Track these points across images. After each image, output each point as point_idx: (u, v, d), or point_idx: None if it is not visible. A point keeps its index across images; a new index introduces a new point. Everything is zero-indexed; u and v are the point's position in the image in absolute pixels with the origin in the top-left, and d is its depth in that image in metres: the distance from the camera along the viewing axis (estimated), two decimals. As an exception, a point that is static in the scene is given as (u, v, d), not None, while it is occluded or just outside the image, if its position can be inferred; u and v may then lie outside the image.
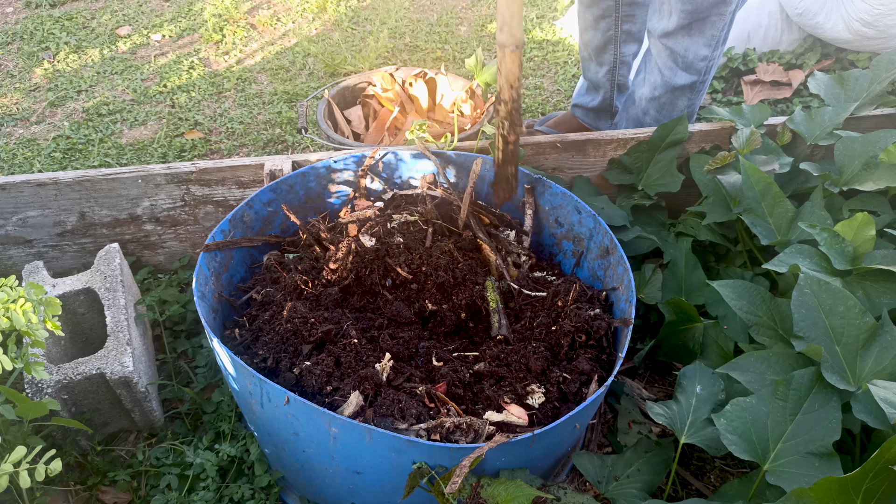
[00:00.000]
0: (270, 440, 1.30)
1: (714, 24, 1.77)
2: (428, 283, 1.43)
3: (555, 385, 1.27)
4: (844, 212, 1.59)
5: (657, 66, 1.91)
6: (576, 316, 1.38)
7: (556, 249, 1.61)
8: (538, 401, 1.23)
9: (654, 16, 1.85)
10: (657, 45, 1.87)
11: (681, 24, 1.77)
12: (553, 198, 1.57)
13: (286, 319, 1.31)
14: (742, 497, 1.18)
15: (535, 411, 1.23)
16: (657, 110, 1.98)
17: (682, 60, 1.84)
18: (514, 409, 1.21)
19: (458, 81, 2.19)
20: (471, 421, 1.13)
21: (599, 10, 2.03)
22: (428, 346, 1.35)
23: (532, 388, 1.25)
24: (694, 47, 1.81)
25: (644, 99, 1.99)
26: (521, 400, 1.24)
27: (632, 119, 2.07)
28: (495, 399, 1.23)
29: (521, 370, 1.29)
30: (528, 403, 1.23)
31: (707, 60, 1.85)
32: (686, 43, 1.81)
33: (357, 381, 1.20)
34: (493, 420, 1.17)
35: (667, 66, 1.87)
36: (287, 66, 2.92)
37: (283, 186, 1.55)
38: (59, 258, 1.81)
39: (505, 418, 1.18)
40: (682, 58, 1.84)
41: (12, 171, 2.39)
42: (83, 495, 1.43)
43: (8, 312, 1.05)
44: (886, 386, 1.03)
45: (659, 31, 1.83)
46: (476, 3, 3.38)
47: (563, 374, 1.28)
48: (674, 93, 1.92)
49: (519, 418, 1.19)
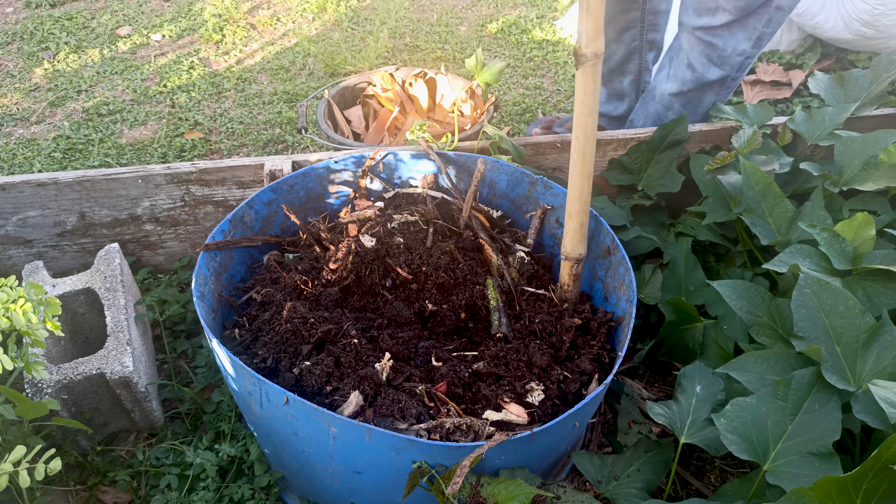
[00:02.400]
0: (270, 440, 1.30)
1: (759, 16, 1.71)
2: (428, 283, 1.43)
3: (555, 383, 1.27)
4: (844, 212, 1.59)
5: (688, 61, 1.85)
6: (577, 315, 1.38)
7: (557, 250, 1.61)
8: (538, 398, 1.23)
9: (688, 10, 1.80)
10: (691, 39, 1.82)
11: (727, 21, 1.72)
12: (554, 198, 1.57)
13: (286, 319, 1.31)
14: (742, 497, 1.18)
15: (535, 409, 1.22)
16: (682, 105, 1.93)
17: (719, 55, 1.79)
18: (514, 407, 1.21)
19: (458, 81, 2.19)
20: (471, 422, 1.13)
21: (623, 24, 2.01)
22: (427, 346, 1.35)
23: (531, 386, 1.25)
24: (734, 41, 1.76)
25: (668, 94, 1.94)
26: (520, 398, 1.24)
27: (651, 115, 2.03)
28: (494, 398, 1.23)
29: (519, 368, 1.29)
30: (528, 401, 1.23)
31: (744, 56, 1.79)
32: (726, 36, 1.75)
33: (357, 381, 1.20)
34: (493, 419, 1.17)
35: (700, 60, 1.82)
36: (287, 66, 2.92)
37: (284, 187, 1.55)
38: (59, 258, 1.81)
39: (504, 417, 1.18)
40: (719, 52, 1.78)
41: (12, 171, 2.39)
42: (83, 495, 1.43)
43: (8, 312, 1.05)
44: (886, 386, 1.03)
45: (698, 25, 1.77)
46: (476, 3, 3.38)
47: (563, 373, 1.28)
48: (703, 88, 1.87)
49: (518, 416, 1.19)
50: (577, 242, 1.38)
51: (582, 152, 1.28)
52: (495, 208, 1.64)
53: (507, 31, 3.16)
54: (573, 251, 1.39)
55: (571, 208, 1.35)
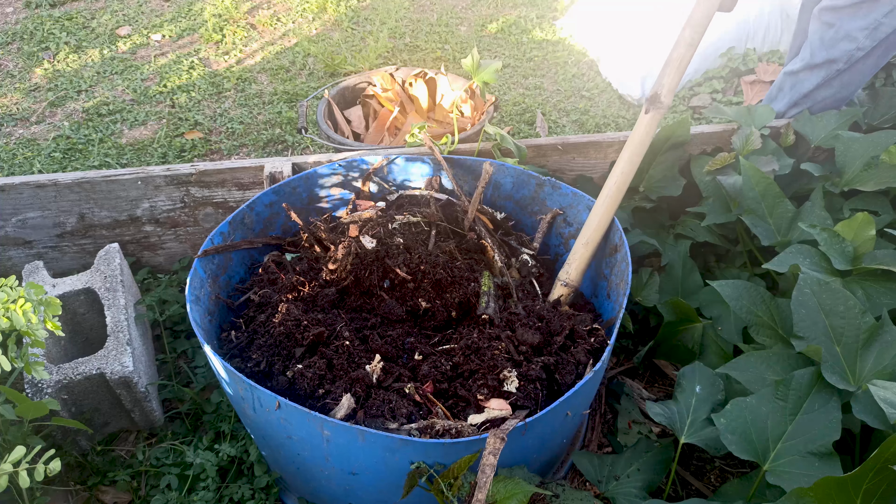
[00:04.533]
0: (266, 443, 1.30)
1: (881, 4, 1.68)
2: (425, 281, 1.43)
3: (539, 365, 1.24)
4: (845, 212, 1.59)
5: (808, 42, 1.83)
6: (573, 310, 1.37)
7: (563, 249, 1.61)
8: (513, 386, 1.21)
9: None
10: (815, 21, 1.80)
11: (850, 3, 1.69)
12: (562, 198, 1.57)
13: (279, 322, 1.30)
14: (742, 497, 1.18)
15: (515, 396, 1.20)
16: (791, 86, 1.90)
17: (832, 37, 1.75)
18: (493, 402, 1.19)
19: (458, 81, 2.19)
20: (460, 426, 1.13)
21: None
22: (412, 342, 1.34)
23: (504, 375, 1.22)
24: (850, 25, 1.73)
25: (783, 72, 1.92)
26: (497, 390, 1.21)
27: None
28: (472, 398, 1.21)
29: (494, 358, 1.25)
30: (506, 390, 1.21)
31: (855, 45, 1.75)
32: (845, 20, 1.73)
33: (348, 384, 1.20)
34: (478, 422, 1.16)
35: (815, 42, 1.80)
36: (287, 66, 2.92)
37: (287, 189, 1.55)
38: (58, 259, 1.81)
39: (488, 416, 1.17)
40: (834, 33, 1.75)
41: (12, 171, 2.39)
42: (83, 495, 1.43)
43: (8, 312, 1.05)
44: (886, 386, 1.03)
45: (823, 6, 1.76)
46: (476, 3, 3.38)
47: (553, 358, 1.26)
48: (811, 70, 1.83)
49: (501, 410, 1.17)
50: (583, 271, 1.37)
51: (619, 186, 1.26)
52: (499, 209, 1.64)
53: (507, 31, 3.16)
54: (578, 280, 1.37)
55: (590, 237, 1.33)
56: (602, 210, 1.34)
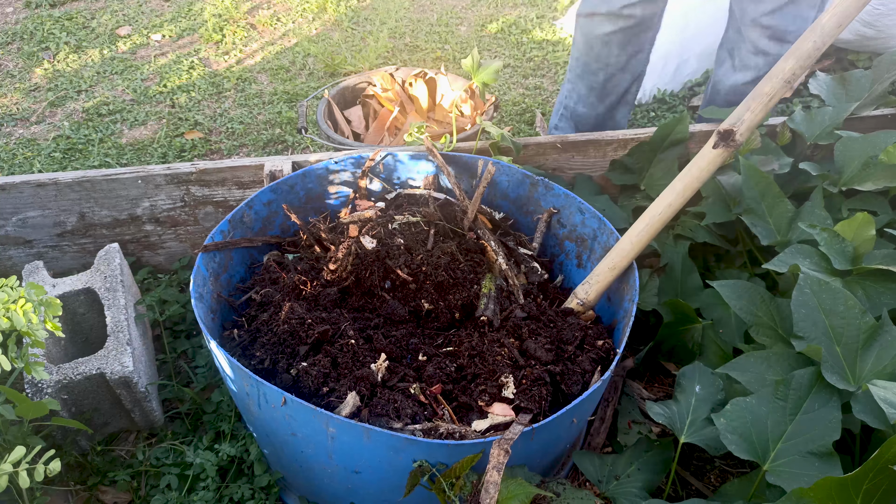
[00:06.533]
0: (269, 441, 1.30)
1: None
2: (427, 283, 1.43)
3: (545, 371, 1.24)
4: (844, 211, 1.59)
5: (756, 48, 1.85)
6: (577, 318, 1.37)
7: (559, 250, 1.61)
8: (511, 391, 1.21)
9: (745, 2, 1.80)
10: (756, 27, 1.81)
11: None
12: (555, 199, 1.57)
13: (283, 320, 1.30)
14: (742, 497, 1.18)
15: (515, 401, 1.20)
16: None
17: (791, 31, 1.77)
18: (496, 407, 1.19)
19: (458, 81, 2.19)
20: (465, 431, 1.13)
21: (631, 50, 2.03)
22: (417, 343, 1.35)
23: (503, 381, 1.22)
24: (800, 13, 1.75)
25: (740, 84, 1.94)
26: (497, 395, 1.21)
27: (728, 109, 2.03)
28: (473, 403, 1.21)
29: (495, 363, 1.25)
30: (505, 396, 1.21)
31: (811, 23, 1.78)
32: (792, 12, 1.74)
33: (353, 382, 1.20)
34: (482, 428, 1.16)
35: (770, 44, 1.82)
36: (287, 66, 2.92)
37: (284, 187, 1.55)
38: (58, 258, 1.81)
39: (492, 422, 1.16)
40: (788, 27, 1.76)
41: (12, 171, 2.39)
42: (83, 495, 1.43)
43: (8, 312, 1.05)
44: (886, 386, 1.03)
45: (761, 11, 1.77)
46: (476, 3, 3.38)
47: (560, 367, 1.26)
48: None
49: (505, 416, 1.17)
50: (601, 295, 1.35)
51: (663, 219, 1.22)
52: (496, 209, 1.64)
53: (506, 31, 3.16)
54: (594, 303, 1.35)
55: (618, 263, 1.29)
56: (637, 239, 1.30)
